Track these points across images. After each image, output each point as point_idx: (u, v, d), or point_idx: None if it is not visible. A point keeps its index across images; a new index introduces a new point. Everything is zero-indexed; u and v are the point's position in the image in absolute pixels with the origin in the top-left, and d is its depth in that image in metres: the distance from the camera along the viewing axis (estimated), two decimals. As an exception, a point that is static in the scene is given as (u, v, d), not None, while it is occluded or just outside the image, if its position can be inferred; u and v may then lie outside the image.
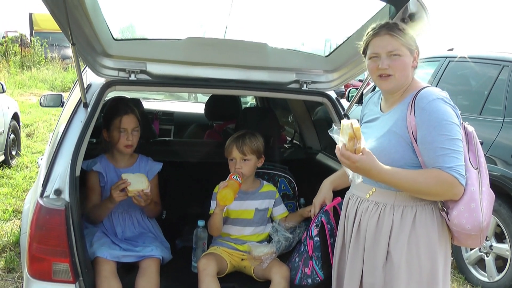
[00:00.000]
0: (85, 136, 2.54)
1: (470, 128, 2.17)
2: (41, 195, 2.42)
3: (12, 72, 16.39)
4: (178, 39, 2.78)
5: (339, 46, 3.03)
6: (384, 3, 2.64)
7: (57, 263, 2.33)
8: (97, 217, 2.89)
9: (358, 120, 2.22)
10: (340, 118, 3.11)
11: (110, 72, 2.77)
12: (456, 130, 2.05)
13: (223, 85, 2.93)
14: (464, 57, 5.44)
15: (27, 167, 7.26)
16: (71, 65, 19.73)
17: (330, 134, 2.08)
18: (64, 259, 2.33)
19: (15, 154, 7.53)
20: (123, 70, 2.78)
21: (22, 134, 8.59)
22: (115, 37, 2.70)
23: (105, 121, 2.96)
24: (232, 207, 2.94)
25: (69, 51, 21.69)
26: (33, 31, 20.69)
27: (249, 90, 3.06)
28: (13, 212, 5.41)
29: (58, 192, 2.41)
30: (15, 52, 18.05)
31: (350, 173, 2.11)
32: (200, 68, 2.87)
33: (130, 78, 2.78)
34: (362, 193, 2.28)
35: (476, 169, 2.09)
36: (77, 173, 2.50)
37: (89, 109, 2.62)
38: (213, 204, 2.88)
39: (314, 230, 2.63)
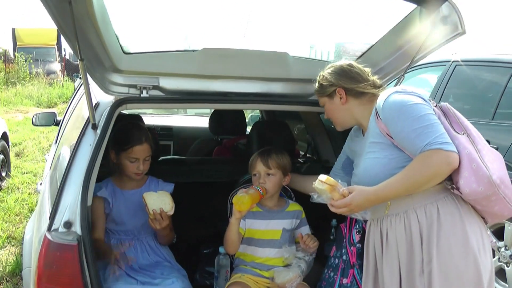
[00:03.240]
0: (96, 161, 2.30)
1: (443, 103, 2.17)
2: (49, 229, 2.17)
3: (-4, 89, 16.08)
4: (193, 51, 2.56)
5: (364, 53, 2.84)
6: (415, 6, 2.47)
7: (72, 304, 2.10)
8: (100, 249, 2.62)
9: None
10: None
11: (120, 89, 2.54)
12: (420, 107, 2.02)
13: (243, 99, 2.71)
14: (472, 61, 5.29)
15: (18, 188, 6.95)
16: (56, 80, 19.50)
17: (315, 201, 2.17)
18: (79, 300, 2.10)
19: (5, 176, 7.21)
20: (134, 86, 2.55)
21: (11, 154, 8.28)
22: (125, 50, 2.47)
23: (114, 143, 2.71)
24: (256, 226, 2.75)
25: (53, 66, 21.64)
26: (17, 47, 20.42)
27: (269, 104, 2.84)
28: (7, 239, 5.11)
29: (68, 224, 2.17)
30: (-2, 68, 17.74)
31: (357, 215, 2.15)
32: (217, 81, 2.65)
33: (142, 95, 2.55)
34: (380, 213, 2.19)
35: (463, 134, 2.04)
36: (89, 202, 2.27)
37: (98, 131, 2.38)
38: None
39: (356, 236, 2.51)
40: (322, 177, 2.10)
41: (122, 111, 4.07)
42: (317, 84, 2.39)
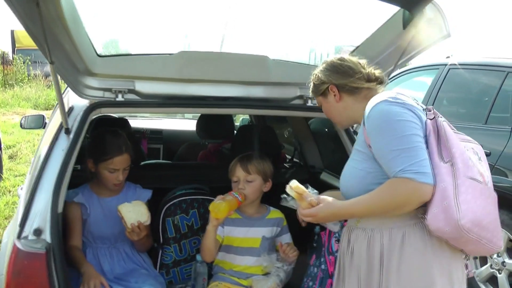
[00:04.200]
0: (68, 167, 2.25)
1: (440, 120, 1.91)
2: (19, 236, 2.12)
3: (-6, 91, 16.02)
4: (169, 54, 2.50)
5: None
6: (398, 8, 2.42)
7: (38, 315, 2.04)
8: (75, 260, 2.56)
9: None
10: (349, 135, 2.86)
11: (95, 92, 2.48)
12: (406, 126, 1.82)
13: (221, 103, 2.65)
14: (465, 64, 5.24)
15: (9, 191, 6.89)
16: (55, 82, 19.36)
17: (284, 205, 2.13)
18: (47, 310, 2.04)
19: (-3, 178, 7.16)
20: (109, 90, 2.48)
21: (4, 156, 8.22)
22: (99, 53, 2.42)
23: (92, 153, 2.65)
24: (235, 234, 2.70)
25: (52, 68, 21.52)
26: (15, 49, 20.36)
27: (250, 108, 2.78)
28: (-6, 243, 5.06)
29: (37, 232, 2.11)
30: (-4, 70, 17.67)
31: (328, 224, 2.14)
32: (195, 85, 2.59)
33: (117, 99, 2.49)
34: (352, 222, 2.09)
35: (447, 163, 1.81)
36: (60, 209, 2.21)
37: (71, 136, 2.32)
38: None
39: (335, 245, 2.44)
40: (293, 183, 2.05)
41: (111, 114, 4.04)
42: (311, 85, 2.24)
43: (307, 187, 2.06)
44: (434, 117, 1.91)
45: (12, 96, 16.06)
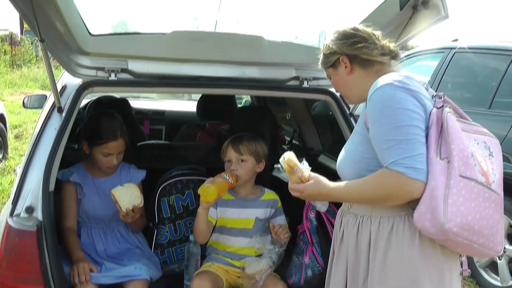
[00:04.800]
0: (59, 145, 2.26)
1: (445, 110, 1.77)
2: (11, 214, 2.14)
3: (2, 71, 16.05)
4: (162, 33, 2.48)
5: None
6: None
7: (29, 292, 2.06)
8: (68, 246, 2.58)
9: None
10: (345, 117, 2.83)
11: (87, 71, 2.47)
12: (405, 115, 1.71)
13: (215, 83, 2.63)
14: (471, 48, 5.17)
15: (14, 170, 6.94)
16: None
17: (277, 175, 2.06)
18: (37, 287, 2.06)
19: (2, 158, 7.22)
20: (102, 69, 2.47)
21: (11, 136, 8.26)
22: (91, 32, 2.40)
23: (88, 135, 2.66)
24: (229, 215, 2.69)
25: (60, 49, 21.53)
26: (24, 29, 20.34)
27: (244, 89, 2.77)
28: (-3, 221, 5.11)
29: (29, 210, 2.14)
30: (5, 51, 17.68)
31: (317, 203, 2.14)
32: (189, 65, 2.56)
33: (110, 78, 2.47)
34: (345, 205, 2.04)
35: (443, 159, 1.70)
36: (51, 187, 2.22)
37: (63, 115, 2.33)
38: None
39: (311, 213, 2.48)
40: (286, 154, 1.97)
41: (112, 94, 4.04)
42: (321, 55, 2.07)
43: (302, 162, 1.99)
44: (442, 106, 1.79)
45: (20, 77, 16.12)
